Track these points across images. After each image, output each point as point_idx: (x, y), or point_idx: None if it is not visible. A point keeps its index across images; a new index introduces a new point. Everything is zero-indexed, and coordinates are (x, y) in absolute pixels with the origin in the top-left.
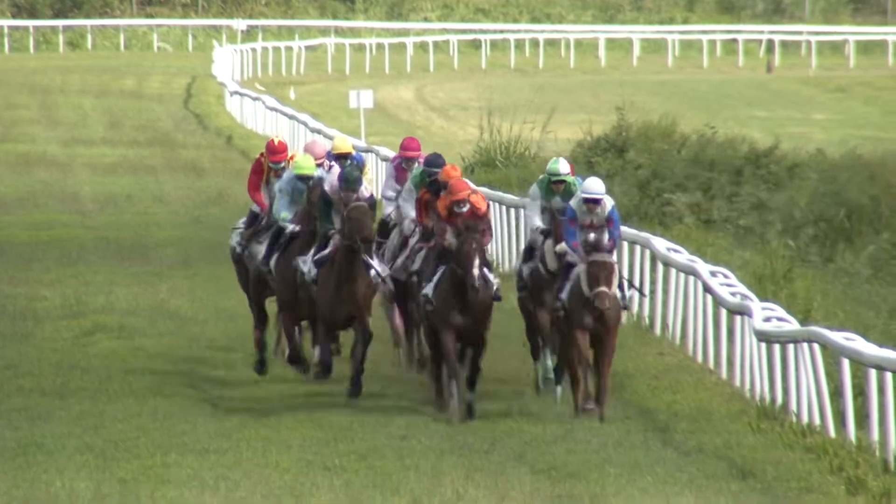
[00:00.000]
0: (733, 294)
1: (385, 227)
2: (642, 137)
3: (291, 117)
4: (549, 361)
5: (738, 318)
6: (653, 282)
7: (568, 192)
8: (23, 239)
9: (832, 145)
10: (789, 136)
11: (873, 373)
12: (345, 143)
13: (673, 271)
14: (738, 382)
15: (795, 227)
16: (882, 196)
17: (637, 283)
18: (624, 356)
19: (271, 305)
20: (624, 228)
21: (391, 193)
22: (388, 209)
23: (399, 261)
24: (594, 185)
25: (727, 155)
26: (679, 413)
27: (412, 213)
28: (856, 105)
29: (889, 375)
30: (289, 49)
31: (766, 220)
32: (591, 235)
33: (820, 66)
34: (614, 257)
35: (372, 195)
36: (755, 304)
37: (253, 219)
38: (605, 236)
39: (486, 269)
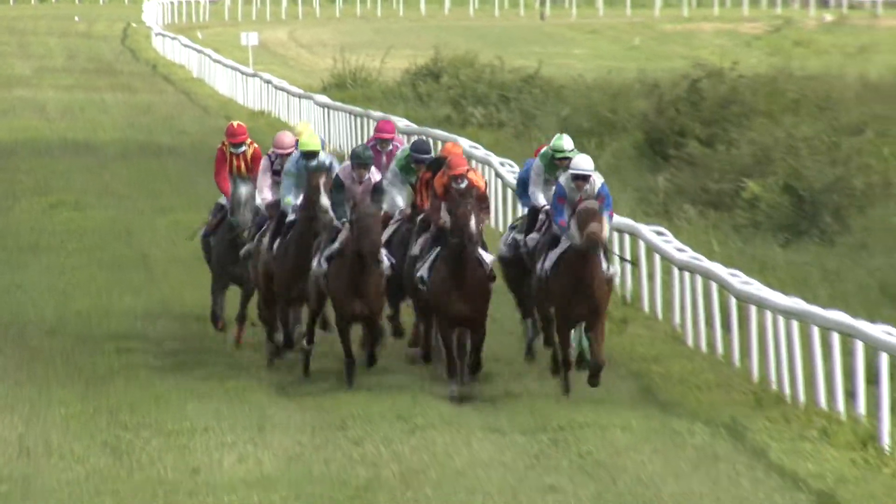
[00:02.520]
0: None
1: None
2: (452, 67)
3: (199, 52)
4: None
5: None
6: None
7: None
8: (5, 139)
9: (587, 73)
10: (557, 66)
11: (617, 237)
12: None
13: (473, 162)
14: None
15: (559, 130)
16: (621, 110)
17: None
18: None
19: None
20: (439, 131)
21: None
22: None
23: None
24: (582, 162)
25: (512, 79)
26: None
27: (400, 201)
28: (604, 44)
29: (624, 236)
30: (198, 2)
31: (538, 125)
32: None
33: (579, 14)
34: (606, 234)
35: (380, 180)
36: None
37: (219, 210)
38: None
39: (481, 249)
